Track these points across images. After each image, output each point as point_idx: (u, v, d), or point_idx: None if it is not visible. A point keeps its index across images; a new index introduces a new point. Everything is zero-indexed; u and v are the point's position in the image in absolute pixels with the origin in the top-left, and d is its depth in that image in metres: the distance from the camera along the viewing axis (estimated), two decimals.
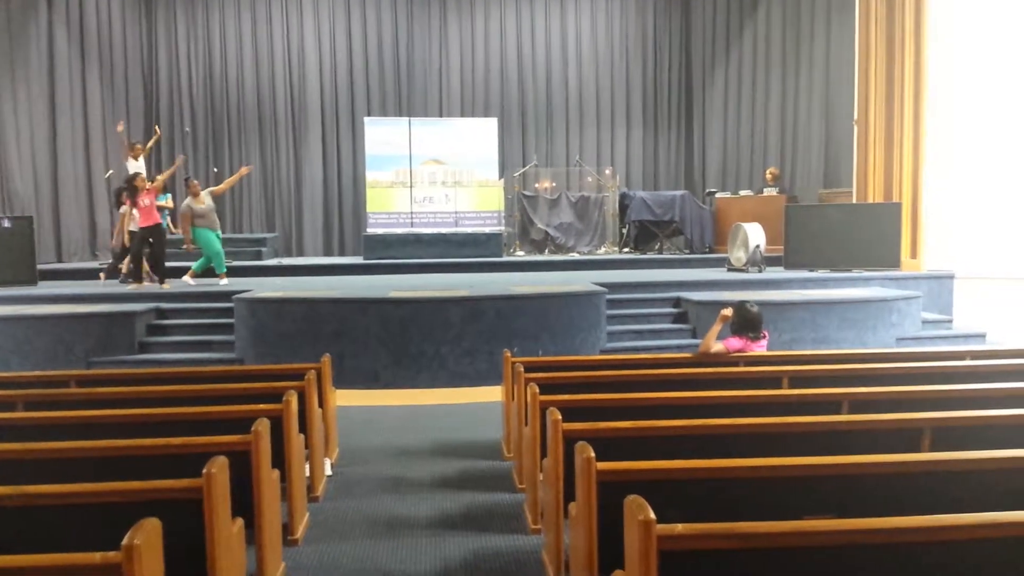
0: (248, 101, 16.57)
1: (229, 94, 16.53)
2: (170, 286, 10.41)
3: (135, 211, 10.56)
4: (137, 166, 11.51)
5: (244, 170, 12.07)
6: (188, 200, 10.73)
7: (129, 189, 10.60)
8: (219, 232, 11.12)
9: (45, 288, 10.54)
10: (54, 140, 13.45)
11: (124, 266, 11.18)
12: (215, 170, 15.62)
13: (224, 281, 10.65)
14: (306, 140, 16.69)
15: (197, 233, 10.73)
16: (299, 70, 16.66)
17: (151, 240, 10.60)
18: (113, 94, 15.00)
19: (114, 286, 10.83)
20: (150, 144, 12.99)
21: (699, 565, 2.40)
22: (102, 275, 11.55)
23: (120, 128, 12.34)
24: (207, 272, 10.89)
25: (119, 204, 11.19)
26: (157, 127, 14.23)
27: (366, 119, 15.92)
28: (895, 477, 3.12)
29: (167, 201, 12.16)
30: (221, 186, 11.86)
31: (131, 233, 10.79)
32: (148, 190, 10.44)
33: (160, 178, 11.07)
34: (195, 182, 11.02)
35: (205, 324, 9.42)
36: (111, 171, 14.01)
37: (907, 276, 10.77)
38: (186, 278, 10.75)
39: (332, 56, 16.78)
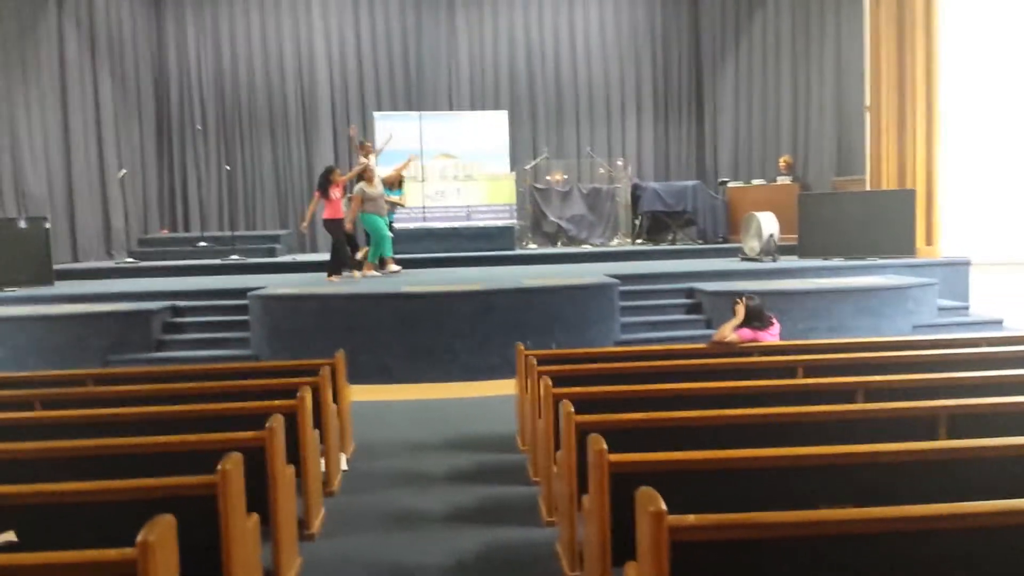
0: (259, 97, 16.61)
1: (240, 91, 16.57)
2: (338, 280, 10.49)
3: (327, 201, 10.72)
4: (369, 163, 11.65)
5: (413, 158, 12.33)
6: (362, 184, 10.76)
7: (323, 180, 10.70)
8: (387, 218, 11.22)
9: (61, 288, 10.61)
10: (67, 140, 13.51)
11: (360, 255, 11.36)
12: (227, 168, 15.66)
13: (394, 267, 10.93)
14: (317, 136, 16.72)
15: (366, 218, 10.79)
16: (308, 66, 16.68)
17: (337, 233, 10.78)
18: (124, 92, 15.07)
19: (135, 283, 10.92)
20: (380, 148, 12.87)
21: (712, 556, 2.39)
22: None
23: (352, 132, 12.53)
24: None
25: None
26: (413, 156, 13.65)
27: (376, 114, 15.93)
28: (911, 465, 3.10)
29: (400, 198, 12.18)
30: (392, 172, 11.91)
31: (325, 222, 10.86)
32: (339, 184, 10.67)
33: (351, 173, 11.41)
34: (371, 167, 11.08)
35: (221, 322, 9.46)
36: (124, 170, 14.08)
37: (922, 263, 10.70)
38: (369, 272, 10.88)
39: (341, 51, 16.79)
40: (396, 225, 13.12)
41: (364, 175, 10.81)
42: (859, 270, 10.52)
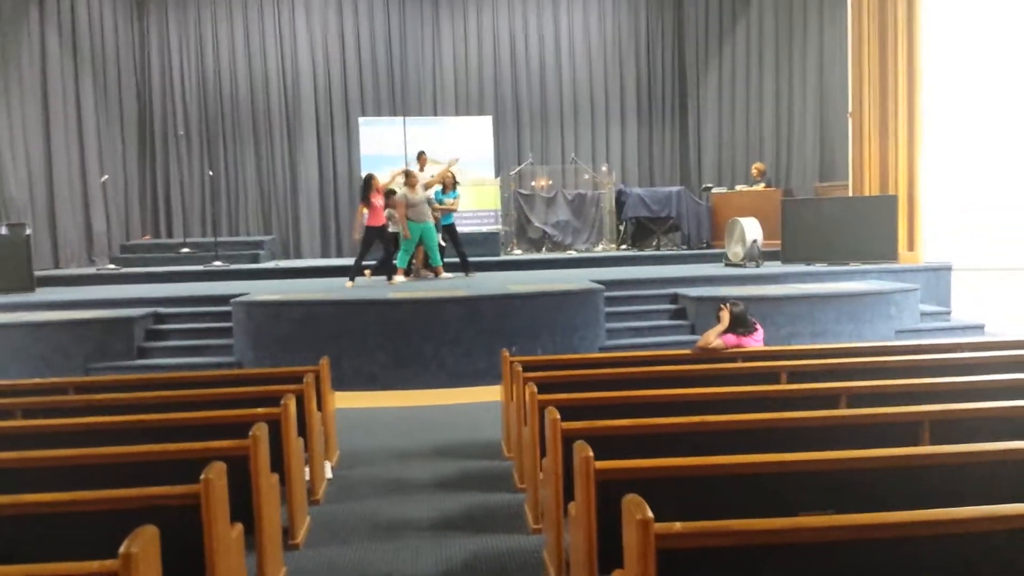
0: (242, 103, 16.53)
1: (223, 96, 16.48)
2: (399, 281, 10.60)
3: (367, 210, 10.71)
4: (424, 176, 11.42)
5: (453, 161, 12.05)
6: (405, 190, 10.70)
7: (365, 188, 10.69)
8: (430, 223, 10.88)
9: (42, 295, 10.52)
10: (48, 145, 13.41)
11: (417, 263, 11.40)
12: (210, 173, 15.59)
13: (400, 278, 10.76)
14: (301, 141, 16.65)
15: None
16: (292, 71, 16.63)
17: (378, 239, 10.82)
18: (106, 98, 14.97)
19: (117, 290, 10.84)
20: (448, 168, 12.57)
21: (698, 563, 2.40)
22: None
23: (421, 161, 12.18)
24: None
25: (386, 205, 11.02)
26: (454, 159, 12.70)
27: (360, 119, 15.91)
28: (894, 471, 3.11)
29: (454, 201, 11.82)
30: (435, 177, 11.73)
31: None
32: (379, 190, 10.66)
33: (388, 182, 11.25)
34: (415, 173, 11.01)
35: (203, 328, 9.40)
36: (107, 176, 14.00)
37: (905, 268, 10.77)
38: (442, 275, 11.00)
39: (325, 56, 16.74)
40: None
41: (407, 180, 10.76)
42: (842, 275, 10.57)
